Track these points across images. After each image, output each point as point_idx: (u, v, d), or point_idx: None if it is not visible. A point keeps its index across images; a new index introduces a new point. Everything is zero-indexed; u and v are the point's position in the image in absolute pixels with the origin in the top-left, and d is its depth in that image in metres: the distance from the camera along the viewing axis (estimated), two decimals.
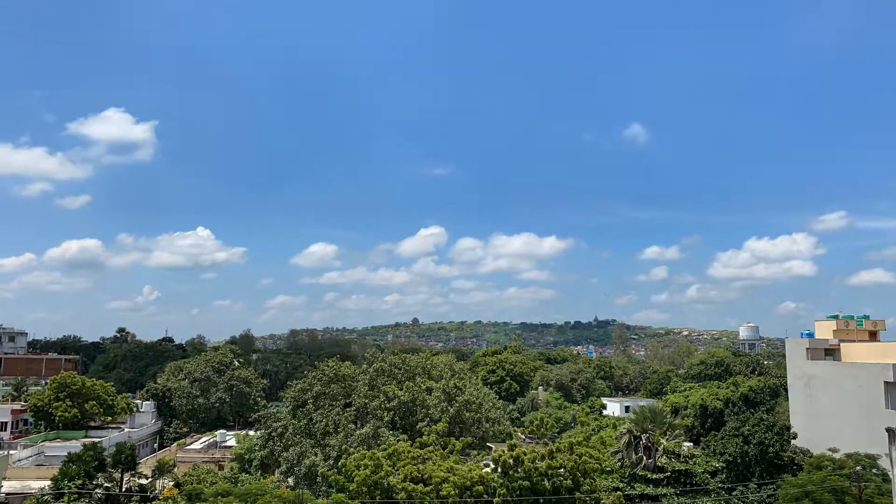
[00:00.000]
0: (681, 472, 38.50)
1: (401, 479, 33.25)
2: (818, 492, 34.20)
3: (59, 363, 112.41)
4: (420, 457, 36.18)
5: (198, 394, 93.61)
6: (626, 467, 39.70)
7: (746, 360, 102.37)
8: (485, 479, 33.08)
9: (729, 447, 44.75)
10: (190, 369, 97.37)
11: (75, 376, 78.17)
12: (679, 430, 44.74)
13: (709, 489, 38.20)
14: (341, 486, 34.83)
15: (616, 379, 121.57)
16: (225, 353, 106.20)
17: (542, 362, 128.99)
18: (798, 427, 49.63)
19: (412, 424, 50.63)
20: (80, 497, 41.13)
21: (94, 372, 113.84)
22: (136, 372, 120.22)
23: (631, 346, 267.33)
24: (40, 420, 73.88)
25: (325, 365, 60.14)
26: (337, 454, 44.76)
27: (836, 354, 55.52)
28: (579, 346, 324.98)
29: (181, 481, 50.51)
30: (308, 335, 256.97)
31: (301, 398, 57.54)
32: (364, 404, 53.32)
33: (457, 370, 64.68)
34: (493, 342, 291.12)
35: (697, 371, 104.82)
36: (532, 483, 33.16)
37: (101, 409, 75.55)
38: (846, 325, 57.91)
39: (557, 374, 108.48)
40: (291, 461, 50.75)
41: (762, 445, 43.76)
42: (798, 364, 55.40)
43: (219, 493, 33.58)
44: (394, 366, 60.54)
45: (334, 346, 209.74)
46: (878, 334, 58.76)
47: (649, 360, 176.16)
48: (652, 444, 39.48)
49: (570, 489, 33.44)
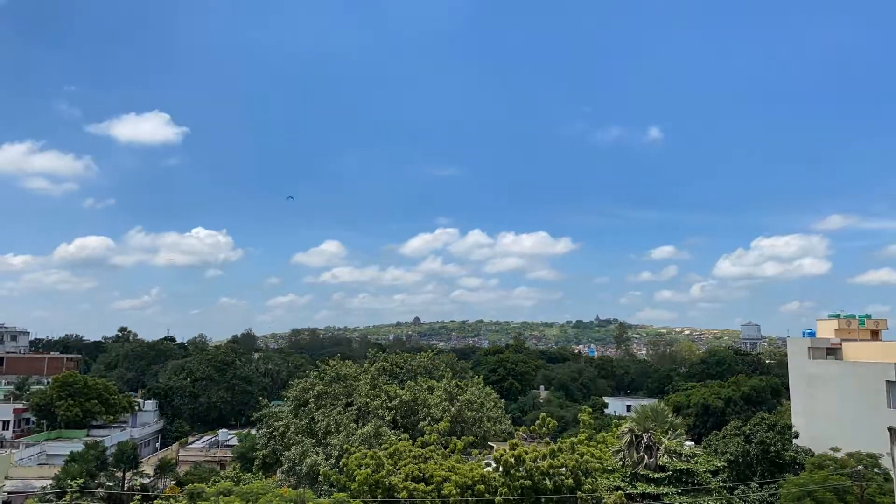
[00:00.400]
0: (682, 471, 38.41)
1: (402, 478, 33.27)
2: (820, 491, 34.19)
3: (61, 362, 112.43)
4: (421, 456, 36.20)
5: (199, 393, 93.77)
6: (627, 466, 39.62)
7: (748, 360, 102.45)
8: (486, 478, 33.10)
9: (730, 446, 44.71)
10: (191, 368, 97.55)
11: (77, 375, 78.37)
12: (681, 429, 44.54)
13: (710, 488, 38.13)
14: (343, 485, 34.85)
15: (617, 378, 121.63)
16: (226, 353, 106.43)
17: (543, 361, 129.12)
18: (800, 426, 49.59)
19: (414, 424, 50.69)
20: (82, 496, 41.22)
21: (96, 371, 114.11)
22: (138, 371, 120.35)
23: (632, 345, 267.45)
24: (42, 419, 74.05)
25: (327, 364, 60.23)
26: (338, 453, 44.78)
27: (838, 354, 55.45)
28: (581, 345, 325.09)
29: (183, 480, 50.59)
30: (309, 334, 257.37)
31: (303, 397, 57.59)
32: (366, 403, 53.37)
33: (458, 369, 64.86)
34: (495, 341, 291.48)
35: (699, 370, 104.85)
36: (534, 482, 33.19)
37: (102, 409, 75.61)
38: (848, 325, 57.79)
39: (559, 374, 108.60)
40: (293, 460, 50.80)
41: (764, 444, 43.72)
42: (800, 363, 55.34)
43: (220, 492, 33.55)
44: (395, 365, 60.68)
45: (336, 345, 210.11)
46: (880, 333, 58.67)
47: (651, 359, 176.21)
48: (653, 444, 39.41)
49: (571, 488, 33.47)
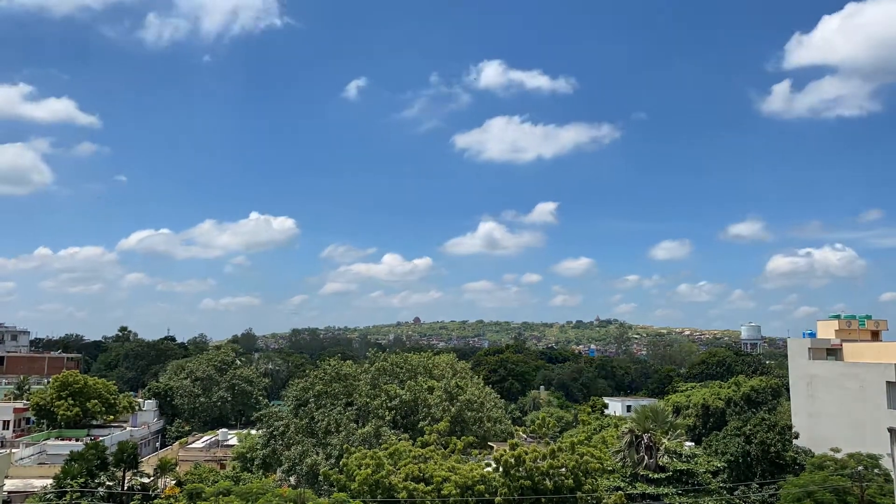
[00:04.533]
0: (682, 471, 38.43)
1: (402, 478, 33.26)
2: (820, 492, 34.16)
3: (62, 362, 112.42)
4: (421, 456, 36.21)
5: (200, 392, 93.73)
6: (627, 467, 39.64)
7: (748, 360, 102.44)
8: (486, 478, 33.09)
9: (731, 447, 44.70)
10: (192, 368, 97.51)
11: (77, 375, 78.21)
12: (681, 429, 44.58)
13: (710, 489, 38.15)
14: (343, 485, 34.83)
15: (618, 378, 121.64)
16: (227, 352, 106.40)
17: (543, 362, 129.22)
18: (800, 427, 49.57)
19: (414, 424, 50.67)
20: (82, 496, 41.17)
21: (97, 370, 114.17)
22: (139, 371, 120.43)
23: (632, 345, 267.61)
24: (42, 419, 73.95)
25: (327, 364, 60.18)
26: (338, 453, 44.78)
27: (839, 354, 55.41)
28: (581, 345, 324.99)
29: (183, 480, 50.44)
30: (309, 334, 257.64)
31: (303, 397, 57.58)
32: (366, 403, 53.36)
33: (458, 369, 64.77)
34: (495, 341, 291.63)
35: (699, 370, 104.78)
36: (534, 482, 33.17)
37: (103, 408, 75.51)
38: (848, 325, 57.73)
39: (559, 374, 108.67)
40: (293, 460, 50.81)
41: (764, 445, 43.70)
42: (800, 364, 55.30)
43: (220, 492, 33.55)
44: (395, 365, 60.63)
45: (336, 344, 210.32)
46: (881, 334, 58.63)
47: (651, 359, 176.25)
48: (653, 444, 39.41)
49: (571, 488, 33.44)
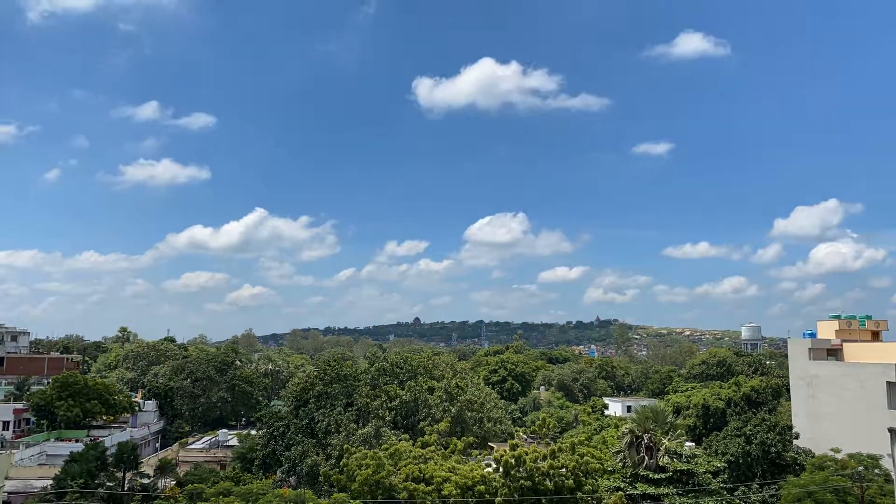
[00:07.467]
0: (683, 472, 38.45)
1: (402, 478, 33.26)
2: (820, 492, 34.15)
3: (62, 362, 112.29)
4: (422, 456, 36.20)
5: (200, 393, 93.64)
6: (627, 467, 39.66)
7: (748, 361, 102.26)
8: (486, 478, 33.07)
9: (731, 447, 44.67)
10: (192, 369, 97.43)
11: (77, 375, 78.18)
12: (681, 429, 44.63)
13: (711, 489, 38.15)
14: (343, 485, 34.84)
15: (618, 379, 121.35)
16: (227, 353, 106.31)
17: (543, 362, 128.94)
18: (800, 427, 49.55)
19: (414, 424, 50.68)
20: (82, 496, 41.18)
21: (97, 371, 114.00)
22: (138, 371, 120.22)
23: (633, 345, 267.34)
24: (42, 419, 73.89)
25: (327, 364, 60.20)
26: (338, 454, 44.77)
27: (839, 355, 55.41)
28: (581, 345, 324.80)
29: (183, 480, 50.50)
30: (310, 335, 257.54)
31: (303, 397, 57.59)
32: (366, 404, 53.35)
33: (458, 370, 64.74)
34: (495, 342, 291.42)
35: (699, 371, 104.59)
36: (534, 483, 33.14)
37: (103, 409, 75.43)
38: (848, 326, 57.75)
39: (559, 374, 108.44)
40: (293, 460, 50.83)
41: (764, 445, 43.69)
42: (800, 364, 55.30)
43: (220, 492, 33.61)
44: (395, 365, 60.63)
45: (336, 345, 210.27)
46: (881, 335, 58.63)
47: (651, 360, 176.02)
48: (654, 444, 39.42)
49: (571, 489, 33.42)
